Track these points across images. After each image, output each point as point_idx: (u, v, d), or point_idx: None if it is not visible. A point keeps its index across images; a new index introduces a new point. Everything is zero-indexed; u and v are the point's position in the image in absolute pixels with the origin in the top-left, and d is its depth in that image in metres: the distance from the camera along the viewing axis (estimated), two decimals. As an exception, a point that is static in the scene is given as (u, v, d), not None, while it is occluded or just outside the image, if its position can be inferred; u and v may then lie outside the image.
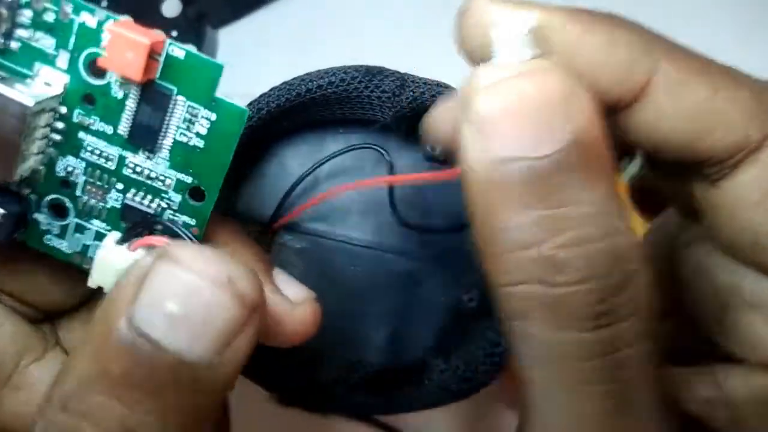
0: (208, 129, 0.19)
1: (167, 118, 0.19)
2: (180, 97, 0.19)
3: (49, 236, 0.21)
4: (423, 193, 0.26)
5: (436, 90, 0.24)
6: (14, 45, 0.19)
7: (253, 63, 0.48)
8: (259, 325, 0.17)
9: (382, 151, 0.25)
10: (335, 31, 0.49)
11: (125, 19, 0.18)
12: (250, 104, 0.24)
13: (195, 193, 0.20)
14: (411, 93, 0.24)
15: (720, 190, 0.19)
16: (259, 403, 0.26)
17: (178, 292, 0.16)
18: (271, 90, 0.24)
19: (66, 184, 0.20)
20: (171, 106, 0.19)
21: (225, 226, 0.22)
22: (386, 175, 0.26)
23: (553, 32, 0.17)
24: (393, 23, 0.49)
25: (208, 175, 0.20)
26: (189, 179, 0.20)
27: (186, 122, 0.19)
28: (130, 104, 0.19)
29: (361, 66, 0.24)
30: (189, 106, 0.19)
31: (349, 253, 0.26)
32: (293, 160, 0.26)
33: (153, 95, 0.19)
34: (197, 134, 0.19)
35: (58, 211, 0.20)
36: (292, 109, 0.24)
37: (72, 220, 0.20)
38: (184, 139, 0.19)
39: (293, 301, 0.21)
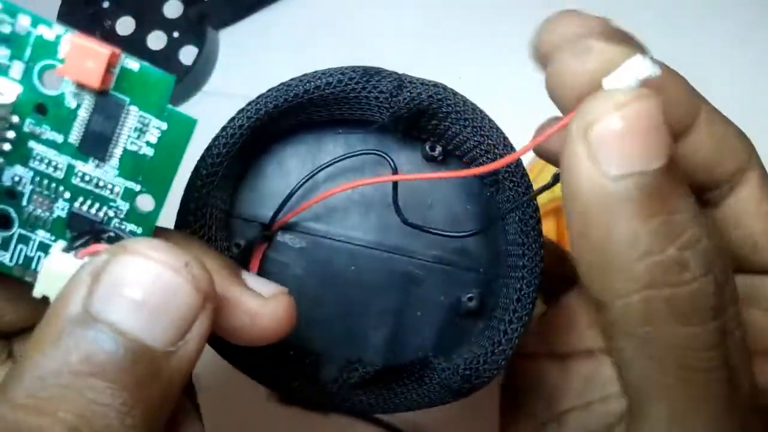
0: (158, 138, 0.20)
1: (119, 127, 0.20)
2: (132, 107, 0.20)
3: (-10, 248, 0.21)
4: (423, 195, 0.27)
5: (434, 90, 0.25)
6: (-32, 56, 0.19)
7: (253, 64, 0.49)
8: (212, 316, 0.18)
9: (384, 156, 0.26)
10: (335, 32, 0.49)
11: (77, 32, 0.19)
12: (248, 105, 0.25)
13: (142, 201, 0.21)
14: (408, 93, 0.24)
15: (720, 209, 0.22)
16: (259, 402, 0.26)
17: (137, 279, 0.17)
18: (268, 91, 0.25)
19: (11, 195, 0.20)
20: (123, 115, 0.20)
21: (181, 235, 0.22)
22: (373, 165, 0.27)
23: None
24: (391, 24, 0.50)
25: (157, 183, 0.20)
26: (137, 187, 0.20)
27: (137, 131, 0.20)
28: (83, 113, 0.20)
29: (359, 66, 0.25)
30: (140, 115, 0.20)
31: (349, 252, 0.27)
32: (292, 161, 0.27)
33: (106, 105, 0.20)
34: (147, 143, 0.20)
35: (1, 222, 0.21)
36: (290, 109, 0.25)
37: (16, 230, 0.21)
38: (135, 148, 0.20)
39: (266, 297, 0.21)
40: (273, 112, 0.24)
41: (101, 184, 0.20)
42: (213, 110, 0.18)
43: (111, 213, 0.21)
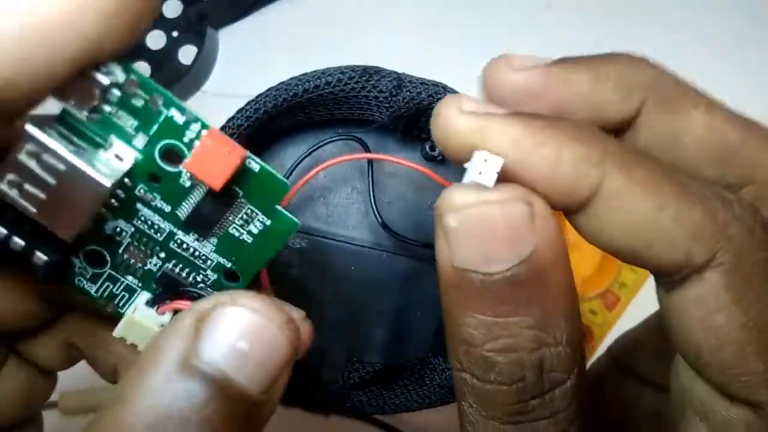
0: (260, 230, 0.21)
1: (227, 215, 0.21)
2: (244, 200, 0.20)
3: (80, 278, 0.22)
4: (424, 195, 0.27)
5: (433, 90, 0.25)
6: (96, 116, 0.19)
7: (253, 63, 0.48)
8: (284, 381, 0.20)
9: (361, 141, 0.26)
10: (334, 32, 0.49)
11: (213, 127, 0.20)
12: (248, 104, 0.24)
13: (230, 275, 0.22)
14: (408, 93, 0.24)
15: (671, 299, 0.20)
16: None
17: (245, 330, 0.19)
18: (268, 90, 0.25)
19: (110, 240, 0.21)
20: (234, 205, 0.20)
21: None
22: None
23: (505, 148, 0.18)
24: (391, 24, 0.49)
25: (247, 265, 0.22)
26: (229, 264, 0.22)
27: (242, 220, 0.21)
28: (196, 195, 0.20)
29: (358, 66, 0.25)
30: (249, 209, 0.21)
31: (349, 252, 0.27)
32: (292, 160, 0.27)
33: (221, 195, 0.20)
34: (249, 232, 0.21)
35: (95, 258, 0.22)
36: (290, 109, 0.25)
37: (107, 270, 0.22)
38: (236, 233, 0.21)
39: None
40: (272, 111, 0.24)
41: (197, 254, 0.21)
42: (212, 110, 0.19)
43: (199, 278, 0.22)
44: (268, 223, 0.21)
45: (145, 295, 0.22)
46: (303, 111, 0.25)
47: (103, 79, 0.19)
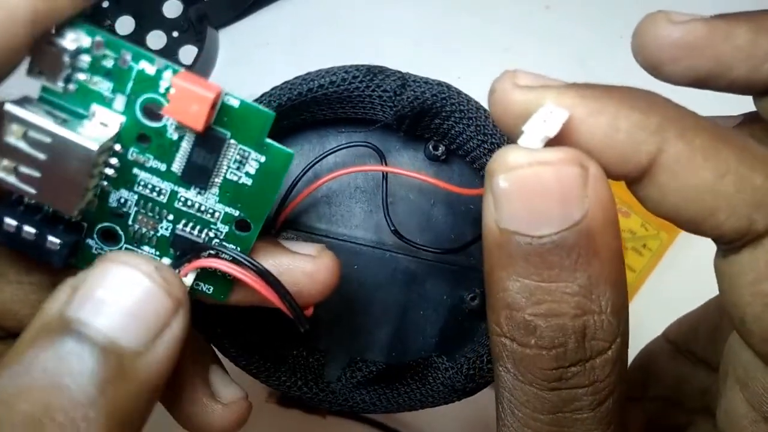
0: (257, 169, 0.21)
1: (220, 159, 0.20)
2: (232, 141, 0.20)
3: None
4: (428, 194, 0.27)
5: (437, 89, 0.24)
6: (72, 87, 0.20)
7: (254, 63, 0.49)
8: (186, 321, 0.20)
9: (377, 148, 0.26)
10: (336, 31, 0.49)
11: (183, 70, 0.19)
12: None
13: (241, 224, 0.22)
14: (412, 92, 0.24)
15: (726, 263, 0.19)
16: (258, 404, 0.27)
17: (111, 283, 0.19)
18: (272, 89, 0.25)
19: (118, 215, 0.21)
20: (224, 148, 0.20)
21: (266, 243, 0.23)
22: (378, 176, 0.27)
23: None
24: (392, 23, 0.50)
25: (255, 208, 0.21)
26: (236, 212, 0.21)
27: (237, 163, 0.21)
28: (185, 146, 0.20)
29: (363, 65, 0.25)
30: (240, 148, 0.20)
31: (353, 251, 0.27)
32: (296, 159, 0.27)
33: (208, 139, 0.20)
34: (246, 173, 0.21)
35: (109, 236, 0.22)
36: (294, 108, 0.25)
37: (123, 245, 0.22)
38: (234, 178, 0.21)
39: (314, 255, 0.23)
40: (277, 110, 0.24)
41: (203, 209, 0.21)
42: None
43: (212, 234, 0.22)
44: (263, 160, 0.21)
45: (165, 261, 0.22)
46: (307, 110, 0.25)
47: (69, 44, 0.19)
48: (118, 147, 0.20)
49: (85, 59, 0.19)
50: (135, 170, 0.21)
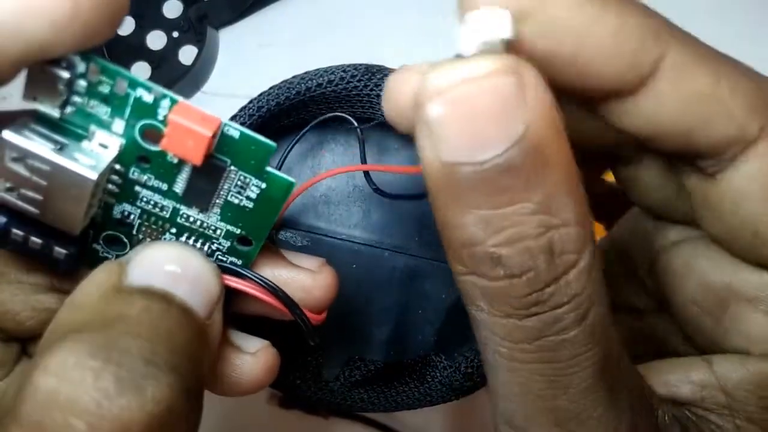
0: (257, 195, 0.20)
1: (221, 184, 0.20)
2: (233, 168, 0.20)
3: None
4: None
5: None
6: (69, 110, 0.19)
7: (253, 63, 0.48)
8: (221, 314, 0.21)
9: (350, 120, 0.25)
10: (335, 31, 0.48)
11: (182, 101, 0.19)
12: (250, 102, 0.24)
13: (243, 240, 0.22)
14: None
15: (717, 184, 0.19)
16: (259, 405, 0.29)
17: (173, 257, 0.20)
18: (271, 88, 0.24)
19: (122, 224, 0.22)
20: (225, 175, 0.20)
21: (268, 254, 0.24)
22: (373, 163, 0.27)
23: (561, 20, 0.17)
24: (393, 22, 0.48)
25: (255, 228, 0.21)
26: (238, 230, 0.21)
27: (237, 187, 0.20)
28: (185, 170, 0.20)
29: (361, 65, 0.24)
30: (242, 175, 0.20)
31: (351, 250, 0.27)
32: (295, 158, 0.27)
33: (208, 166, 0.20)
34: (247, 197, 0.21)
35: (115, 241, 0.22)
36: (293, 107, 0.25)
37: (128, 251, 0.22)
38: (236, 201, 0.21)
39: (314, 271, 0.23)
40: (275, 109, 0.24)
41: (204, 225, 0.21)
42: (213, 110, 0.18)
43: (214, 247, 0.22)
44: (264, 186, 0.20)
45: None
46: (306, 109, 0.25)
47: (63, 74, 0.18)
48: (118, 167, 0.20)
49: (82, 84, 0.19)
50: (137, 188, 0.21)
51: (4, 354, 0.23)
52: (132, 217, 0.21)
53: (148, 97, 0.19)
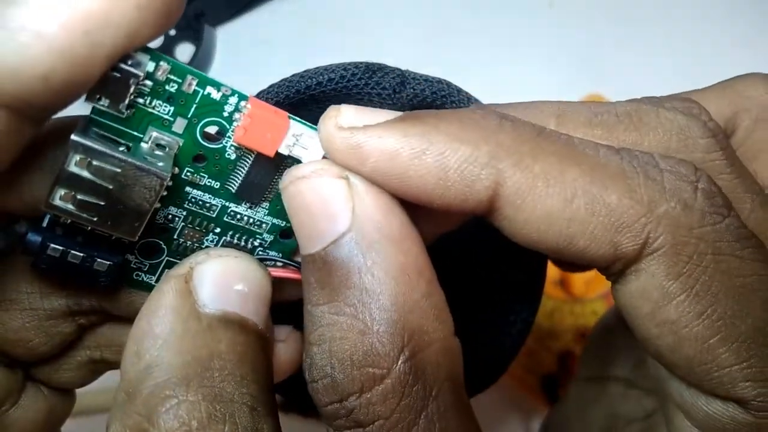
0: (309, 184, 0.22)
1: (278, 177, 0.21)
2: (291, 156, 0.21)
3: (138, 273, 0.22)
4: None
5: (437, 86, 0.25)
6: (130, 111, 0.19)
7: (251, 61, 0.48)
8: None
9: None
10: (334, 29, 0.49)
11: (250, 96, 0.20)
12: None
13: (284, 233, 0.23)
14: (411, 90, 0.24)
15: (619, 294, 0.18)
16: None
17: (237, 275, 0.20)
18: (270, 87, 0.24)
19: (163, 230, 0.21)
20: (282, 166, 0.21)
21: None
22: None
23: (385, 163, 0.17)
24: (393, 20, 0.50)
25: (300, 219, 0.22)
26: (283, 223, 0.22)
27: (290, 179, 0.21)
28: (243, 165, 0.21)
29: (361, 63, 0.24)
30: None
31: None
32: None
33: (272, 158, 0.20)
34: (298, 188, 0.22)
35: (150, 250, 0.22)
36: (292, 105, 0.25)
37: (164, 258, 0.22)
38: (286, 193, 0.22)
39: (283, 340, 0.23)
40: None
41: (251, 221, 0.22)
42: None
43: (257, 243, 0.22)
44: (315, 175, 0.22)
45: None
46: (305, 107, 0.25)
47: (137, 71, 0.18)
48: (175, 170, 0.20)
49: (148, 83, 0.19)
50: (187, 188, 0.21)
51: (9, 381, 0.22)
52: (177, 220, 0.21)
53: (216, 95, 0.19)
